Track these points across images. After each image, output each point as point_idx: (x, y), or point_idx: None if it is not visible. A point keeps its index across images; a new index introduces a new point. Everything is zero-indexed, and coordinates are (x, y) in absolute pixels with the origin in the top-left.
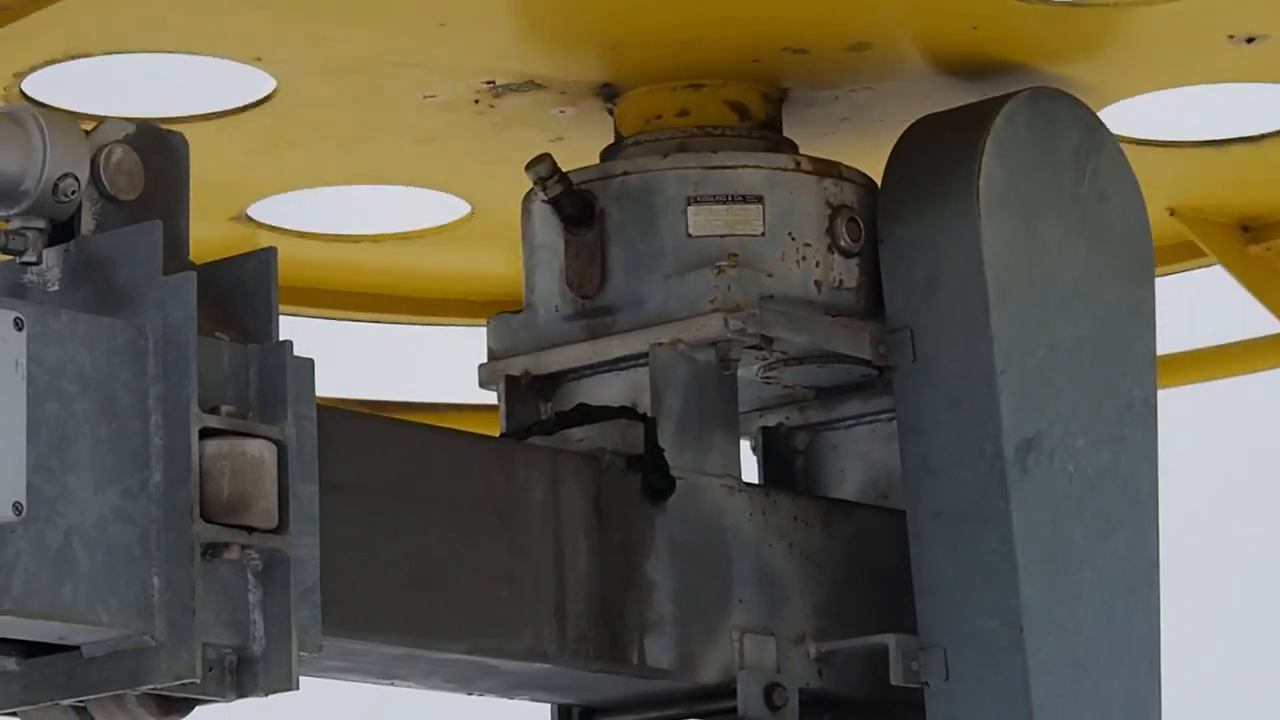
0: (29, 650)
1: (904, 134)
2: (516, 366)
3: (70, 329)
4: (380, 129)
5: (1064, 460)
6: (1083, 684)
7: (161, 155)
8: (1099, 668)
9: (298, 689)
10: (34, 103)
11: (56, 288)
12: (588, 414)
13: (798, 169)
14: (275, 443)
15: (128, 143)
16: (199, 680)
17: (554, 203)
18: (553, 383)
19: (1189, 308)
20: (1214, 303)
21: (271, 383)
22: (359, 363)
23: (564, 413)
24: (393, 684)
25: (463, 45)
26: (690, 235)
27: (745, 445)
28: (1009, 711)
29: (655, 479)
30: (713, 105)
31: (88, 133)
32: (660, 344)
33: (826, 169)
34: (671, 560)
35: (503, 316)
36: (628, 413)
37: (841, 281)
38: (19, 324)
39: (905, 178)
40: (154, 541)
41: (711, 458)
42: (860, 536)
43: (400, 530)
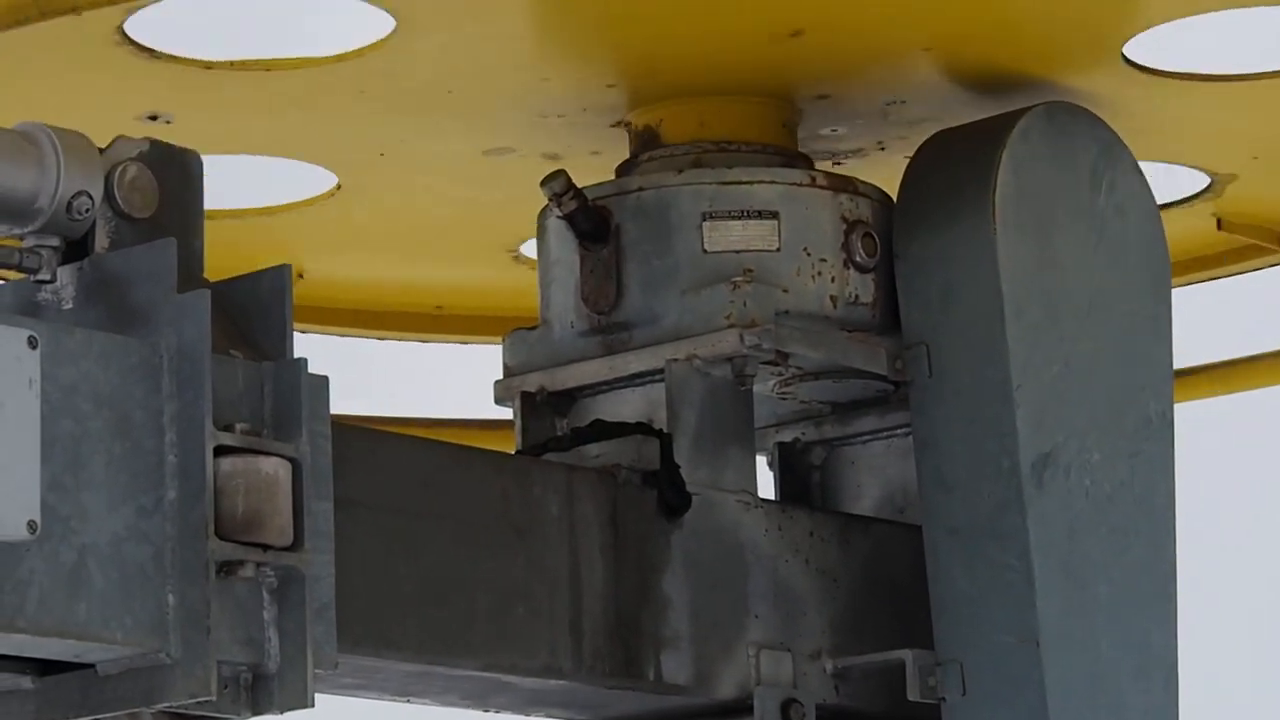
0: (44, 668)
1: (919, 149)
2: (532, 383)
3: (84, 347)
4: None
5: (1080, 475)
6: (1100, 698)
7: (175, 173)
8: (1116, 682)
9: (313, 706)
10: None
11: (71, 306)
12: (603, 430)
13: (813, 184)
14: (290, 460)
15: (142, 160)
16: (214, 698)
17: (569, 219)
18: (568, 399)
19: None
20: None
21: (286, 400)
22: (374, 379)
23: (580, 429)
24: (408, 701)
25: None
26: (706, 251)
27: (761, 461)
28: None
29: (671, 495)
30: (728, 120)
31: (101, 150)
32: (676, 360)
33: (842, 184)
34: (687, 576)
35: (519, 333)
36: (643, 429)
37: (857, 297)
38: (33, 342)
39: (921, 193)
40: (169, 559)
41: (727, 473)
42: (877, 552)
43: (416, 547)
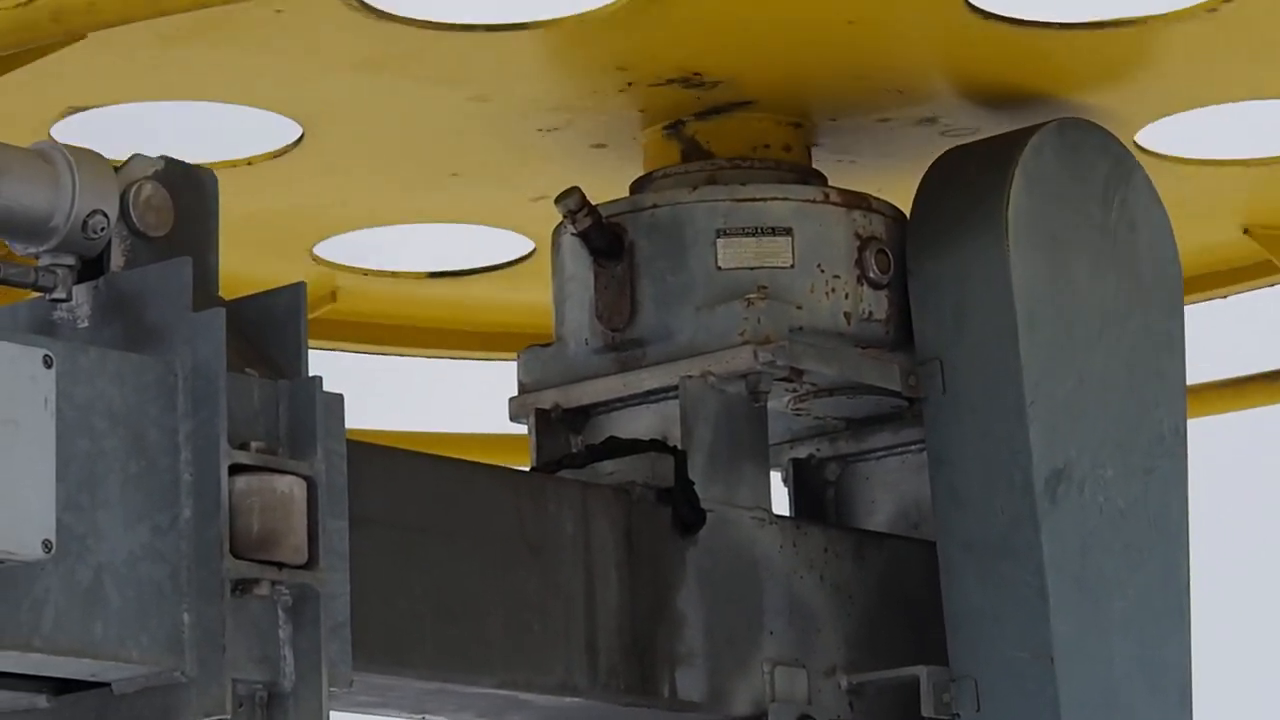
0: (60, 687)
1: (932, 165)
2: (547, 400)
3: (100, 366)
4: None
5: (1094, 491)
6: (1114, 714)
7: (190, 191)
8: (1130, 699)
9: None
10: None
11: (86, 324)
12: (618, 447)
13: (826, 201)
14: (305, 478)
15: (157, 179)
16: (230, 716)
17: (583, 236)
18: (583, 416)
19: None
20: None
21: (301, 418)
22: (389, 394)
23: (594, 446)
24: (424, 718)
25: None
26: (720, 268)
27: (776, 477)
28: None
29: (686, 512)
30: (741, 137)
31: (117, 169)
32: (690, 377)
33: (855, 201)
34: (702, 593)
35: (533, 350)
36: (658, 446)
37: (871, 313)
38: (48, 361)
39: (934, 209)
40: (184, 578)
41: (742, 490)
42: (891, 568)
43: (431, 564)
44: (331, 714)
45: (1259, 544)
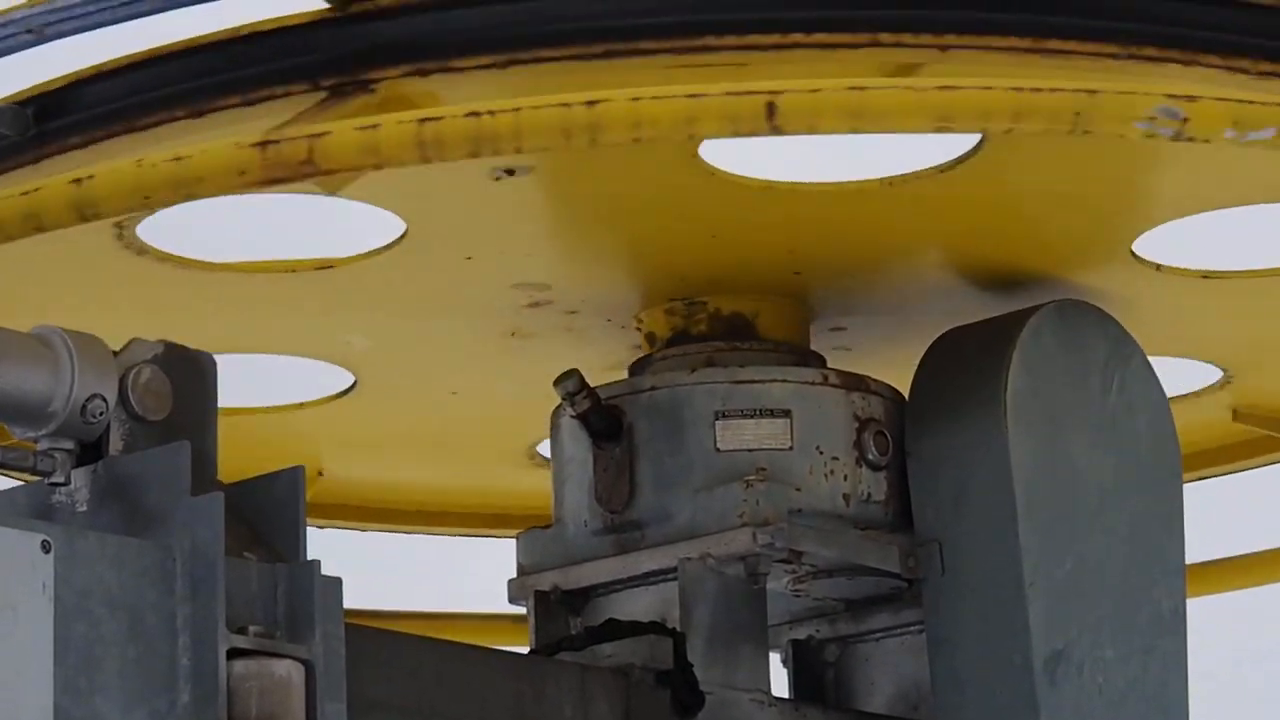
0: None
1: (930, 346)
2: (546, 581)
3: (98, 550)
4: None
5: (1093, 671)
6: None
7: (189, 374)
8: None
9: None
10: None
11: (85, 508)
12: (617, 629)
13: (825, 383)
14: (303, 662)
15: (156, 363)
16: None
17: (582, 418)
18: (582, 597)
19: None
20: None
21: (299, 602)
22: (388, 573)
23: (593, 628)
24: None
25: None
26: (718, 449)
27: (775, 658)
28: None
29: (685, 694)
30: (739, 319)
31: (115, 353)
32: (689, 559)
33: (854, 383)
34: None
35: (533, 532)
36: (657, 628)
37: (870, 495)
38: (46, 546)
39: (932, 391)
40: None
41: (741, 672)
42: None
43: None
44: None
45: None
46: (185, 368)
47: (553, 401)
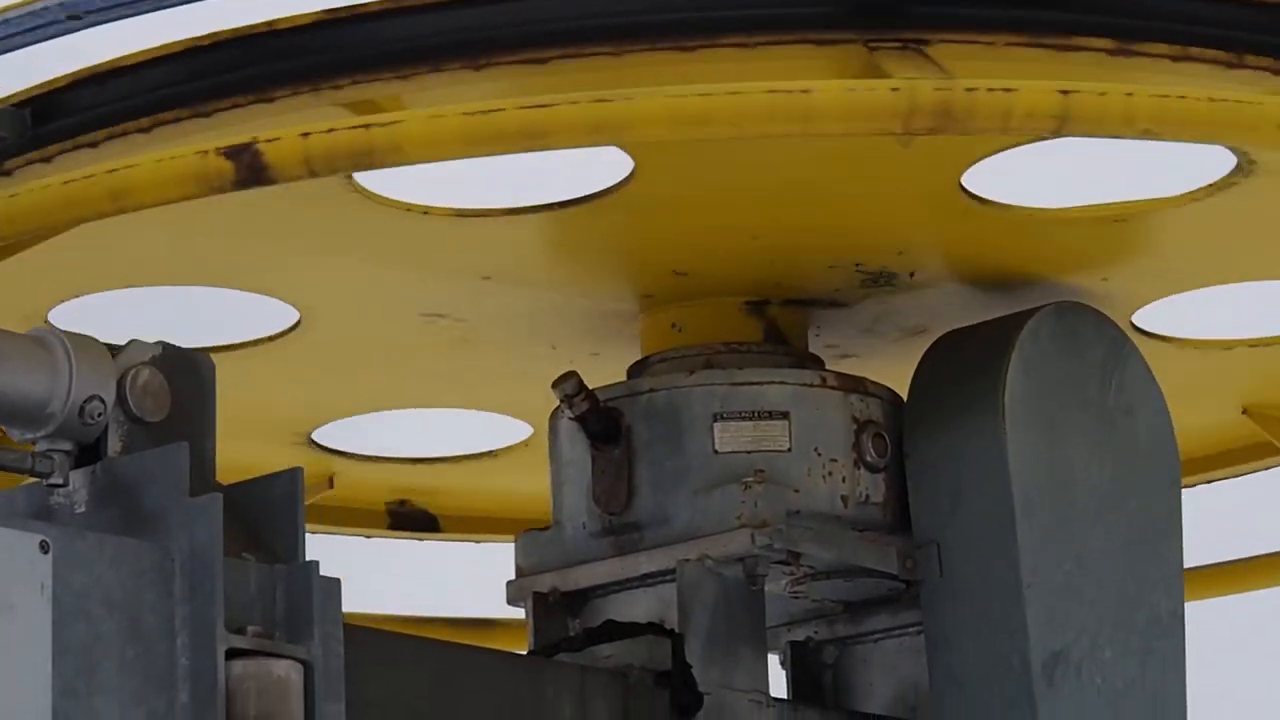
0: None
1: (929, 349)
2: (544, 583)
3: (97, 551)
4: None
5: (1091, 673)
6: None
7: (187, 376)
8: None
9: None
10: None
11: (83, 509)
12: (615, 630)
13: (824, 385)
14: (301, 662)
15: (154, 364)
16: None
17: (580, 420)
18: (581, 599)
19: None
20: None
21: (298, 603)
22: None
23: (592, 629)
24: None
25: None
26: (717, 451)
27: (773, 660)
28: None
29: (683, 695)
30: (738, 322)
31: (114, 354)
32: (687, 560)
33: (852, 385)
34: None
35: (531, 534)
36: (655, 629)
37: (868, 496)
38: (45, 547)
39: (930, 392)
40: None
41: (739, 673)
42: None
43: None
44: None
45: None
46: (183, 369)
47: None
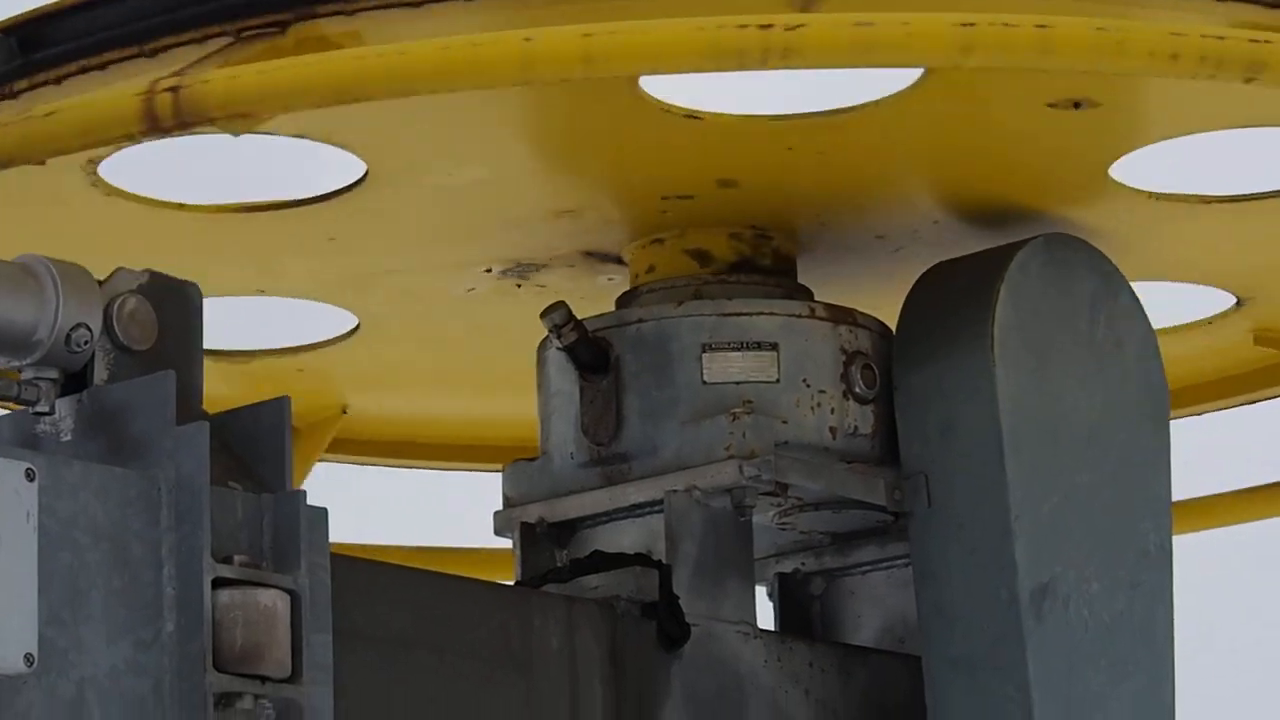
0: None
1: (918, 280)
2: (532, 514)
3: (83, 480)
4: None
5: (1079, 606)
6: None
7: (174, 305)
8: None
9: None
10: None
11: (69, 438)
12: (603, 561)
13: (812, 315)
14: (288, 592)
15: (141, 292)
16: None
17: (569, 350)
18: (568, 530)
19: None
20: None
21: (285, 532)
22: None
23: (579, 560)
24: None
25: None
26: (705, 382)
27: (761, 591)
28: None
29: (670, 627)
30: (727, 251)
31: (100, 282)
32: (675, 491)
33: (841, 316)
34: (687, 707)
35: (519, 464)
36: (643, 560)
37: (856, 428)
38: (31, 475)
39: (919, 324)
40: (167, 692)
41: (727, 604)
42: (876, 683)
43: (415, 679)
44: None
45: (1248, 657)
46: (171, 298)
47: None
